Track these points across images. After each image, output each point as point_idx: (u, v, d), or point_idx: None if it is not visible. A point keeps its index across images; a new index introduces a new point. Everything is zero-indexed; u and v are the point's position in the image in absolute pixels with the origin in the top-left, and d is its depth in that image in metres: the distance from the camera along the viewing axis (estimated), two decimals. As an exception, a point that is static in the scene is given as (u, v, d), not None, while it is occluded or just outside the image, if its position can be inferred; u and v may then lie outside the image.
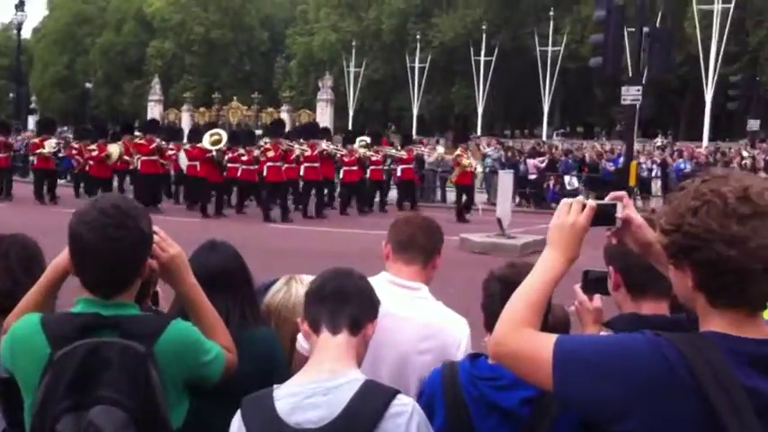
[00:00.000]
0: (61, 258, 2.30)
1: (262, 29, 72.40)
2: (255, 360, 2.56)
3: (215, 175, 19.35)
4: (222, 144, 19.40)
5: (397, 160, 21.96)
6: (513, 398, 2.23)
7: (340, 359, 2.10)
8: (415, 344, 2.69)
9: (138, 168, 20.24)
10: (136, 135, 21.90)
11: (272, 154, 18.94)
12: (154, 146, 20.22)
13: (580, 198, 1.93)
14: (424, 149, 25.47)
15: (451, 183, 23.11)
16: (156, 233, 2.27)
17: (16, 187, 22.64)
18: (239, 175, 19.37)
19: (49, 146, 21.68)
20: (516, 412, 2.24)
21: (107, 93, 69.29)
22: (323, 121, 37.14)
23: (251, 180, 19.40)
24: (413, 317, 2.71)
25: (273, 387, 2.10)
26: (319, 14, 67.94)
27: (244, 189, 20.06)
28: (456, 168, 19.85)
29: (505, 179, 15.66)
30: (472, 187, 20.15)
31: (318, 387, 2.04)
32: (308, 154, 19.58)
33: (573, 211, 1.89)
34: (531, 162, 25.06)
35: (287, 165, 19.01)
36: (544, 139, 42.52)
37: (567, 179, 24.31)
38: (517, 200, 21.95)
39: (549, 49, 48.26)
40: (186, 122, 42.55)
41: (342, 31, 63.40)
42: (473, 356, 2.39)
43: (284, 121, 26.70)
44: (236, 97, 46.63)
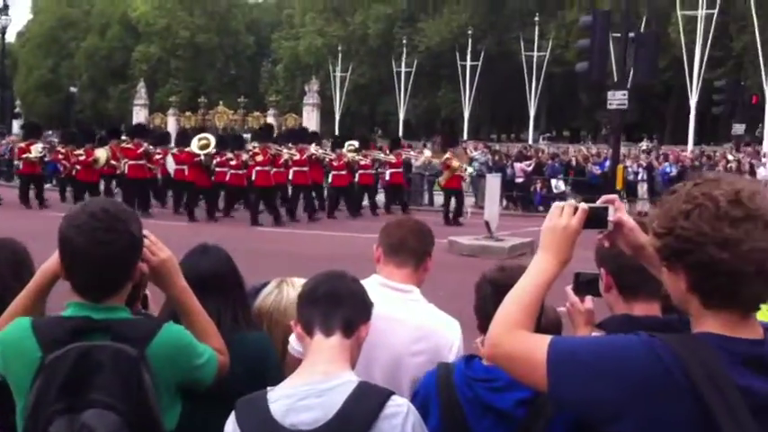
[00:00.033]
0: (51, 262, 2.29)
1: (248, 33, 72.31)
2: (247, 363, 2.56)
3: (203, 180, 19.30)
4: (210, 148, 19.35)
5: (386, 164, 22.00)
6: (509, 399, 2.23)
7: (333, 361, 2.10)
8: (408, 346, 2.69)
9: (126, 173, 20.14)
10: (123, 139, 21.82)
11: (260, 158, 18.91)
12: (141, 150, 20.13)
13: (572, 201, 1.94)
14: (411, 153, 25.58)
15: (440, 186, 23.13)
16: (147, 237, 2.27)
17: (1, 192, 22.53)
18: (228, 179, 19.33)
19: (36, 150, 21.58)
20: (511, 413, 2.24)
21: (92, 97, 68.95)
22: (309, 126, 37.06)
23: (239, 184, 19.36)
24: (405, 319, 2.71)
25: (267, 389, 2.10)
26: (305, 19, 67.88)
27: (232, 193, 20.02)
28: (445, 172, 19.81)
29: (493, 183, 15.71)
30: (461, 191, 20.14)
31: (312, 389, 2.03)
32: (296, 158, 19.57)
33: (565, 214, 1.90)
34: (517, 166, 25.11)
35: (275, 169, 18.99)
36: (530, 143, 42.61)
37: (553, 183, 24.39)
38: (504, 203, 21.98)
39: (535, 53, 48.41)
40: (172, 127, 42.39)
41: (328, 36, 63.36)
42: (468, 358, 2.39)
43: (273, 126, 26.65)
44: (222, 101, 46.55)
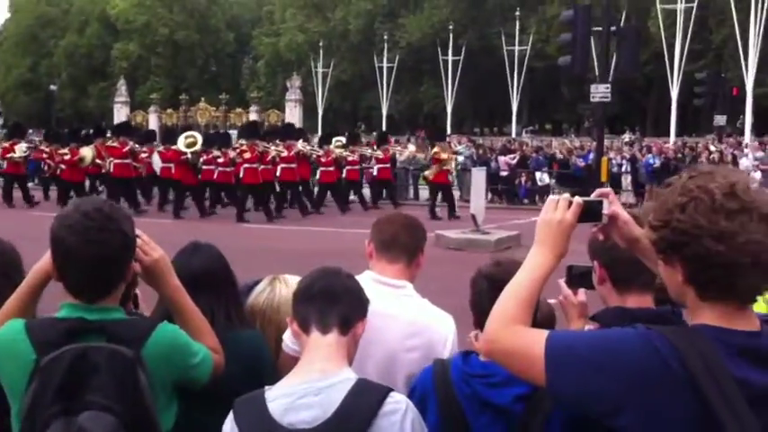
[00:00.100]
0: (43, 263, 2.27)
1: (228, 30, 71.94)
2: (242, 361, 2.55)
3: (189, 178, 19.20)
4: (197, 146, 19.25)
5: (374, 159, 21.98)
6: (507, 395, 2.23)
7: (331, 359, 2.09)
8: (402, 341, 2.69)
9: (111, 171, 20.01)
10: (108, 138, 21.69)
11: (248, 155, 18.87)
12: (127, 149, 20.02)
13: (567, 195, 1.94)
14: (398, 148, 25.63)
15: (424, 179, 23.15)
16: (139, 236, 2.25)
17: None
18: (215, 177, 19.24)
19: (20, 150, 21.53)
20: (509, 409, 2.24)
21: (72, 95, 68.43)
22: (292, 122, 37.03)
23: (227, 182, 19.27)
24: (399, 314, 2.71)
25: (265, 388, 2.09)
26: (285, 15, 67.60)
27: (218, 191, 19.94)
28: (434, 166, 19.79)
29: (478, 176, 15.76)
30: (449, 185, 20.09)
31: (310, 387, 2.03)
32: (284, 155, 19.50)
33: (560, 208, 1.90)
34: (502, 159, 25.19)
35: (263, 166, 18.94)
36: (514, 137, 42.72)
37: (538, 175, 24.50)
38: (489, 196, 22.02)
39: (516, 48, 48.47)
40: (154, 124, 42.14)
41: (309, 32, 63.16)
42: (465, 354, 2.39)
43: (260, 123, 26.58)
44: (203, 98, 46.30)
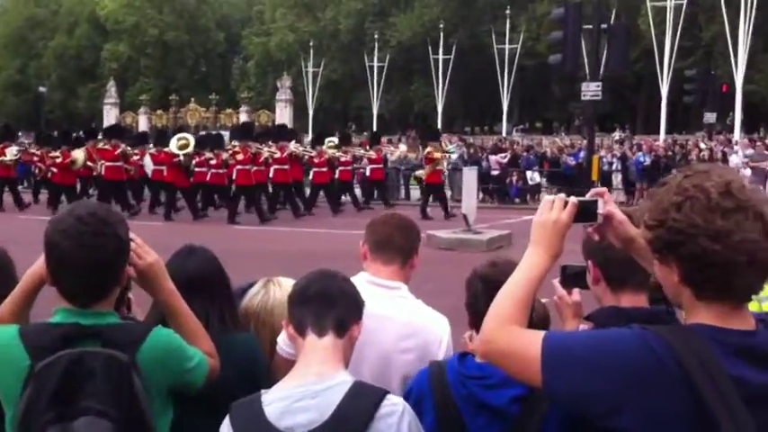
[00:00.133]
0: (36, 267, 2.26)
1: (218, 30, 71.71)
2: (237, 364, 2.54)
3: (182, 180, 19.14)
4: (189, 148, 19.19)
5: (367, 160, 21.96)
6: (503, 396, 2.23)
7: (327, 362, 2.09)
8: (397, 343, 2.69)
9: (102, 174, 19.93)
10: (99, 140, 21.61)
11: (241, 157, 18.85)
12: (119, 151, 19.94)
13: (562, 195, 1.94)
14: (391, 148, 25.69)
15: (415, 179, 23.14)
16: (133, 240, 2.24)
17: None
18: (208, 179, 19.20)
19: (11, 153, 21.42)
20: (506, 410, 2.23)
21: (61, 97, 68.15)
22: (283, 122, 36.97)
23: (220, 183, 19.24)
24: (394, 316, 2.70)
25: (261, 392, 2.08)
26: (276, 15, 67.47)
27: (210, 193, 19.91)
28: (428, 166, 19.80)
29: (469, 176, 15.75)
30: (442, 185, 20.05)
31: (307, 390, 2.03)
32: (277, 156, 19.46)
33: (555, 209, 1.90)
34: (493, 158, 25.21)
35: (256, 167, 18.91)
36: (504, 136, 42.75)
37: (529, 174, 24.53)
38: (480, 196, 22.04)
39: (507, 46, 48.43)
40: (143, 125, 42.07)
41: (299, 32, 63.05)
42: (461, 355, 2.39)
43: (252, 124, 26.53)
44: (193, 99, 46.22)
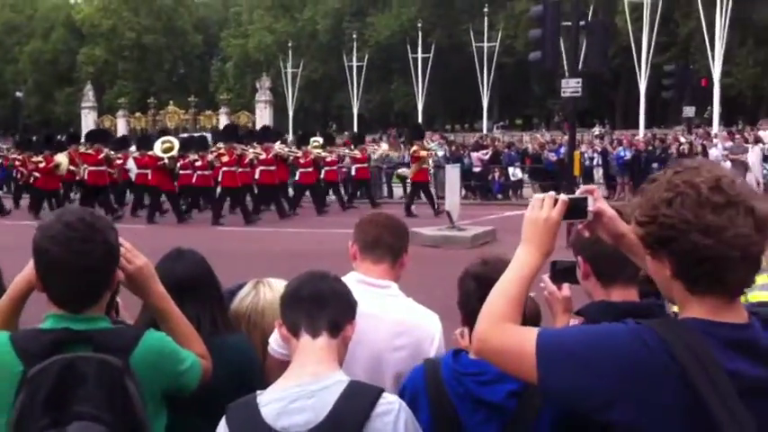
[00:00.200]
0: (25, 273, 2.25)
1: (195, 32, 71.48)
2: (229, 366, 2.54)
3: (167, 184, 19.04)
4: (174, 151, 19.09)
5: (352, 159, 21.95)
6: (499, 392, 2.23)
7: (322, 362, 2.10)
8: (389, 341, 2.69)
9: (85, 178, 19.79)
10: (81, 144, 21.44)
11: (226, 159, 18.79)
12: (102, 155, 19.82)
13: (552, 193, 1.95)
14: (375, 147, 25.78)
15: (398, 177, 23.14)
16: (122, 244, 2.24)
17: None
18: (194, 181, 19.11)
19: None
20: (503, 406, 2.24)
21: (38, 101, 67.77)
22: (263, 123, 36.87)
23: (207, 185, 19.16)
24: (385, 315, 2.71)
25: (257, 393, 2.08)
26: (253, 16, 67.40)
27: (196, 196, 19.83)
28: (414, 165, 19.82)
29: (452, 173, 15.74)
30: (428, 184, 20.02)
31: (303, 391, 2.03)
32: (262, 157, 19.39)
33: (546, 206, 1.91)
34: (474, 155, 25.30)
35: (241, 169, 18.84)
36: (485, 133, 42.87)
37: (510, 171, 24.65)
38: (463, 193, 22.11)
39: (485, 44, 48.56)
40: (122, 129, 41.86)
41: (277, 32, 62.99)
42: (455, 352, 2.39)
43: (237, 126, 26.45)
44: (172, 101, 46.10)
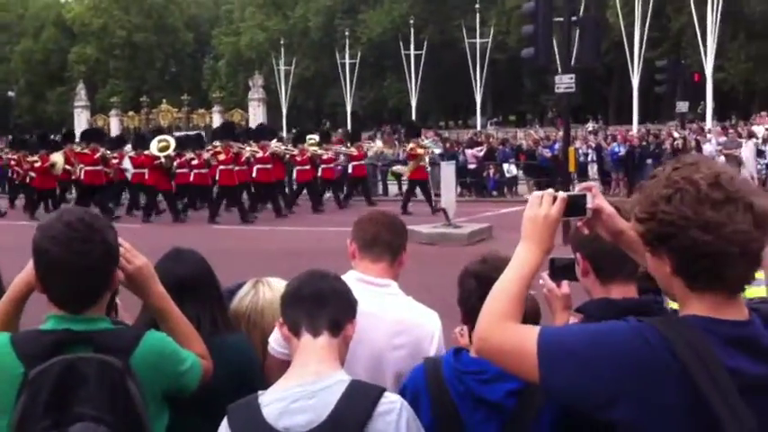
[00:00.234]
0: (24, 275, 2.24)
1: (187, 30, 71.23)
2: (229, 366, 2.53)
3: (164, 183, 19.00)
4: (170, 150, 19.04)
5: (349, 157, 21.96)
6: (499, 390, 2.23)
7: (323, 361, 2.09)
8: (389, 340, 2.69)
9: (82, 178, 19.73)
10: (76, 143, 21.38)
11: (223, 157, 18.75)
12: (98, 155, 19.77)
13: (551, 191, 1.95)
14: (369, 143, 25.80)
15: (393, 175, 23.09)
16: (121, 244, 2.23)
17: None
18: (192, 179, 19.07)
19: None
20: (503, 405, 2.24)
21: (30, 101, 67.50)
22: (256, 121, 36.81)
23: (204, 183, 19.12)
24: (385, 313, 2.71)
25: (258, 393, 2.08)
26: (245, 14, 67.27)
27: (193, 196, 19.80)
28: (411, 162, 19.80)
29: (447, 170, 15.71)
30: (427, 181, 19.90)
31: (304, 390, 2.02)
32: (259, 155, 19.34)
33: (545, 204, 1.91)
34: (469, 152, 25.32)
35: (238, 167, 18.80)
36: (479, 129, 42.87)
37: (505, 167, 24.66)
38: (458, 190, 22.12)
39: (478, 41, 48.51)
40: (115, 127, 41.76)
41: (269, 30, 62.85)
42: (456, 351, 2.39)
43: (234, 124, 26.41)
44: (164, 100, 45.98)
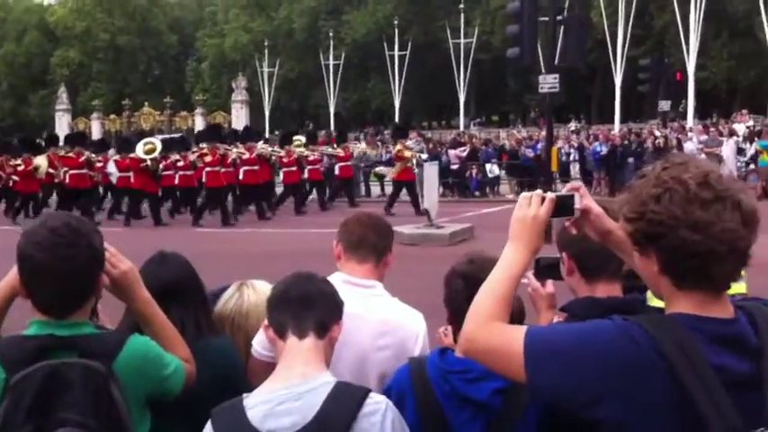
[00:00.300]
0: (8, 279, 2.23)
1: (170, 32, 70.91)
2: (213, 369, 2.53)
3: (150, 186, 18.91)
4: (156, 153, 18.95)
5: (335, 158, 21.97)
6: (485, 389, 2.23)
7: (309, 363, 2.09)
8: (374, 341, 2.69)
9: (67, 182, 19.60)
10: (60, 147, 21.26)
11: (209, 159, 18.68)
12: (83, 158, 19.65)
13: (539, 191, 1.96)
14: (356, 144, 25.92)
15: (375, 176, 23.11)
16: (106, 249, 2.22)
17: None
18: (177, 182, 18.97)
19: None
20: (488, 404, 2.24)
21: (12, 104, 67.12)
22: (239, 123, 36.78)
23: (190, 186, 19.04)
24: (370, 315, 2.71)
25: (243, 396, 2.07)
26: (228, 15, 67.08)
27: (180, 199, 19.72)
28: (398, 164, 19.84)
29: (430, 171, 15.71)
30: (414, 183, 19.76)
31: (290, 392, 2.02)
32: (245, 157, 19.28)
33: (533, 204, 1.91)
34: (452, 153, 25.40)
35: (224, 169, 18.74)
36: (462, 130, 42.95)
37: (488, 167, 24.75)
38: (441, 190, 22.15)
39: (462, 41, 48.64)
40: (97, 131, 41.60)
41: (253, 32, 62.71)
42: (441, 350, 2.39)
43: (220, 126, 26.35)
44: (147, 103, 45.84)
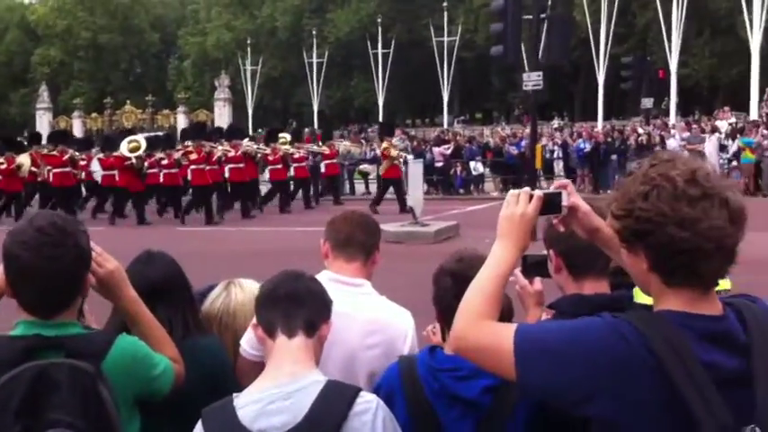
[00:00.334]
0: None
1: (152, 30, 70.53)
2: (201, 369, 2.51)
3: (135, 184, 18.81)
4: (141, 151, 18.85)
5: (321, 156, 21.94)
6: (475, 387, 2.23)
7: (299, 362, 2.08)
8: (362, 339, 2.69)
9: (50, 180, 19.47)
10: (43, 146, 21.09)
11: (194, 156, 18.59)
12: (67, 157, 19.53)
13: (527, 189, 1.96)
14: (342, 141, 25.96)
15: (359, 174, 23.09)
16: (93, 248, 2.21)
17: None
18: (161, 180, 18.87)
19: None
20: (478, 402, 2.24)
21: (-8, 103, 66.62)
22: (222, 121, 36.59)
23: (175, 184, 18.93)
24: (358, 313, 2.70)
25: (233, 395, 2.06)
26: (211, 14, 66.85)
27: (167, 196, 19.64)
28: (384, 162, 19.89)
29: (415, 168, 15.75)
30: (401, 180, 19.78)
31: (280, 392, 2.01)
32: (231, 155, 19.19)
33: (521, 202, 1.92)
34: (436, 150, 25.45)
35: (210, 167, 18.65)
36: (446, 128, 43.03)
37: (472, 165, 24.82)
38: (425, 188, 22.17)
39: (445, 39, 48.77)
40: (78, 129, 41.31)
41: (236, 30, 62.54)
42: (431, 348, 2.38)
43: (206, 123, 26.24)
44: (129, 101, 45.60)
